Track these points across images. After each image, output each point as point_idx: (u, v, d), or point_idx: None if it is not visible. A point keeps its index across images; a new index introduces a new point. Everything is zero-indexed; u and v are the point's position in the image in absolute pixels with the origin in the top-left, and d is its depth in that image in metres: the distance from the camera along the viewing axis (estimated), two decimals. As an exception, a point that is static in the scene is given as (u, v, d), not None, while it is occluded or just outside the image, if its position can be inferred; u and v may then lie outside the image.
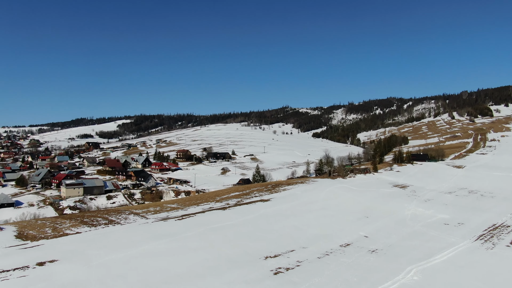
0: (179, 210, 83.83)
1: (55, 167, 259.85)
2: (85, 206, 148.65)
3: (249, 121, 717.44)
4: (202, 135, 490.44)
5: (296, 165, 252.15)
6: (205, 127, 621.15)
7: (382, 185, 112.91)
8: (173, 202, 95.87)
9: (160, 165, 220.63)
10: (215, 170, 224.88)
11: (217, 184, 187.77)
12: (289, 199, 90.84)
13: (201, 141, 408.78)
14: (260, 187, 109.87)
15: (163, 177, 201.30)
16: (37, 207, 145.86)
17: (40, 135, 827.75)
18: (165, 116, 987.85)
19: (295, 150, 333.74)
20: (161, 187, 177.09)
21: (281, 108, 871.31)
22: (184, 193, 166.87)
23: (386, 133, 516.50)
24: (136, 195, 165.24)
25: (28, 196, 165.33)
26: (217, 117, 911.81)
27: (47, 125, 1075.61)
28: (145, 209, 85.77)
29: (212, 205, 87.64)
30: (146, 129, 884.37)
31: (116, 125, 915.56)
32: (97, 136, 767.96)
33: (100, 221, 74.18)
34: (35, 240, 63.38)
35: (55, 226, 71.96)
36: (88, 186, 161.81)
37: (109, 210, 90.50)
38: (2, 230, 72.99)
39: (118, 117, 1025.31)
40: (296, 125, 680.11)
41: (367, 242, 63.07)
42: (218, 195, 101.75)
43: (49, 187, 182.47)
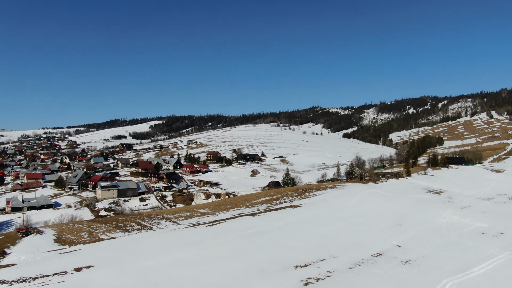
0: (209, 215, 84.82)
1: (91, 169, 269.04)
2: (119, 208, 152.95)
3: (278, 121, 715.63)
4: (232, 136, 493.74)
5: (326, 167, 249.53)
6: (234, 128, 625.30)
7: (415, 191, 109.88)
8: (203, 207, 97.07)
9: (191, 167, 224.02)
10: (244, 172, 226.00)
11: (247, 186, 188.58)
12: (319, 205, 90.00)
13: (231, 142, 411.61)
14: (289, 191, 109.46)
15: (194, 179, 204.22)
16: (75, 208, 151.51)
17: (77, 136, 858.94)
18: (195, 117, 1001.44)
19: (325, 151, 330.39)
20: (192, 189, 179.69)
21: (311, 108, 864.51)
22: (214, 195, 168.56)
23: (419, 133, 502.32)
24: (167, 197, 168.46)
25: (66, 197, 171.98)
26: (246, 118, 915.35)
27: (84, 126, 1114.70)
28: (177, 214, 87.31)
29: (242, 211, 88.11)
30: (177, 129, 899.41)
31: (148, 126, 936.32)
32: (130, 137, 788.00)
33: (134, 226, 76.19)
34: (72, 244, 65.93)
35: (91, 231, 74.51)
36: (122, 188, 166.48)
37: (142, 214, 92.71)
38: (42, 233, 76.37)
39: (150, 118, 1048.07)
40: (326, 125, 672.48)
41: (400, 252, 61.53)
42: (248, 200, 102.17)
43: (86, 189, 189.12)
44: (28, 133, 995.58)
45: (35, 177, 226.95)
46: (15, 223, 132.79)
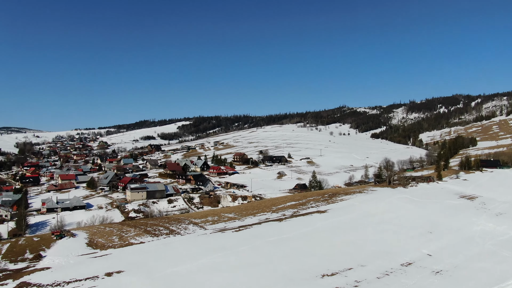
0: (236, 220, 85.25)
1: (121, 170, 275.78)
2: (148, 209, 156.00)
3: (305, 121, 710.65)
4: (258, 137, 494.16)
5: (353, 169, 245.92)
6: (261, 129, 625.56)
7: (447, 196, 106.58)
8: (230, 211, 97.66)
9: (217, 169, 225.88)
10: (271, 174, 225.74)
11: (273, 189, 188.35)
12: (347, 211, 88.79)
13: (257, 143, 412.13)
14: (316, 196, 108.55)
15: (221, 181, 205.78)
16: (105, 209, 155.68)
17: (108, 137, 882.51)
18: (222, 118, 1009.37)
19: (353, 152, 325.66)
20: (219, 191, 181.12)
21: (338, 107, 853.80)
22: (241, 198, 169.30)
23: (451, 133, 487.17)
24: (195, 199, 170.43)
25: (97, 198, 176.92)
26: (273, 118, 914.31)
27: (114, 127, 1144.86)
28: (204, 219, 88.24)
29: (269, 216, 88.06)
30: (204, 130, 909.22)
31: (176, 126, 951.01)
32: (158, 138, 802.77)
33: (162, 231, 77.56)
34: (103, 248, 67.78)
35: (121, 235, 76.39)
36: (151, 190, 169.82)
37: (170, 218, 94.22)
38: (75, 236, 78.89)
39: (178, 119, 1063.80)
40: (354, 125, 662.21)
41: (431, 261, 59.92)
42: (275, 204, 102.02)
43: (116, 190, 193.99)
44: (62, 134, 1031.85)
45: (69, 178, 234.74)
46: (50, 224, 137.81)
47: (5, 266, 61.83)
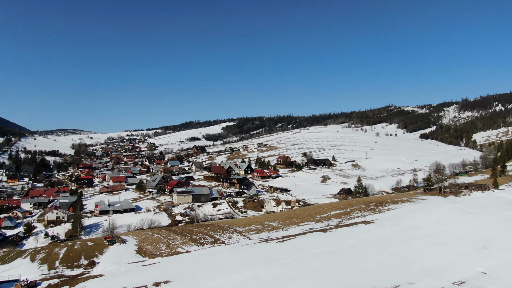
0: (279, 230, 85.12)
1: (167, 172, 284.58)
2: (193, 213, 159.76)
3: (350, 122, 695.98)
4: (302, 138, 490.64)
5: (401, 172, 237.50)
6: (304, 130, 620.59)
7: (504, 207, 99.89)
8: (274, 219, 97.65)
9: (261, 172, 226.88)
10: (315, 178, 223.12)
11: (317, 193, 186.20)
12: (394, 222, 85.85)
13: (301, 145, 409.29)
14: (362, 204, 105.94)
15: (264, 184, 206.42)
16: (153, 212, 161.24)
17: (155, 138, 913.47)
18: (265, 118, 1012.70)
19: (400, 154, 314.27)
20: (262, 195, 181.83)
21: (384, 107, 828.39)
22: (285, 202, 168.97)
23: (508, 133, 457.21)
24: (239, 203, 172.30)
25: (146, 201, 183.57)
26: (316, 118, 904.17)
27: (161, 128, 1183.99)
28: (248, 227, 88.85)
29: (313, 226, 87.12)
30: (248, 131, 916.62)
31: (220, 127, 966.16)
32: (203, 139, 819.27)
33: (207, 240, 79.02)
34: (151, 257, 70.16)
35: (168, 243, 78.69)
36: (196, 194, 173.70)
37: (215, 225, 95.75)
38: (126, 243, 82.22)
39: (222, 120, 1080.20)
40: (401, 125, 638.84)
41: (486, 280, 56.44)
42: (319, 213, 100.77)
43: (163, 193, 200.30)
44: (113, 135, 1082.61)
45: (119, 180, 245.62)
46: (103, 226, 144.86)
47: (63, 271, 65.72)
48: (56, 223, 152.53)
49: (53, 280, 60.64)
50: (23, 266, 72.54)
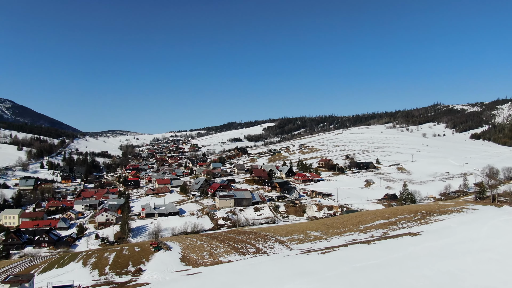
0: (322, 240, 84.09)
1: (210, 174, 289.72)
2: (235, 217, 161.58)
3: (394, 122, 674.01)
4: (344, 139, 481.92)
5: (450, 177, 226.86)
6: (347, 131, 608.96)
7: None
8: (316, 228, 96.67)
9: (303, 176, 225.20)
10: (358, 181, 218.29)
11: (360, 198, 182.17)
12: (442, 234, 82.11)
13: (343, 147, 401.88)
14: (408, 214, 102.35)
15: (306, 188, 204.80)
16: (196, 216, 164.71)
17: (198, 139, 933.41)
18: (307, 118, 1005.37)
19: (449, 157, 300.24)
20: (304, 200, 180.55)
21: (432, 105, 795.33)
22: (327, 207, 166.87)
23: None
24: (280, 207, 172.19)
25: (189, 204, 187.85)
26: (359, 118, 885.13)
27: (204, 129, 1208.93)
28: (289, 237, 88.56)
29: (356, 237, 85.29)
30: (289, 131, 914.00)
31: (261, 128, 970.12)
32: (245, 140, 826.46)
33: (249, 249, 79.59)
34: (195, 266, 71.68)
35: (211, 251, 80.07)
36: (238, 198, 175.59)
37: (257, 233, 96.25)
38: (170, 250, 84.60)
39: (263, 120, 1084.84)
40: (450, 124, 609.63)
41: (545, 304, 52.77)
42: (362, 223, 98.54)
43: (206, 196, 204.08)
44: (158, 136, 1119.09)
45: (164, 182, 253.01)
46: (148, 229, 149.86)
47: (112, 278, 68.71)
48: (106, 225, 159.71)
49: (104, 286, 63.58)
50: (76, 270, 76.54)
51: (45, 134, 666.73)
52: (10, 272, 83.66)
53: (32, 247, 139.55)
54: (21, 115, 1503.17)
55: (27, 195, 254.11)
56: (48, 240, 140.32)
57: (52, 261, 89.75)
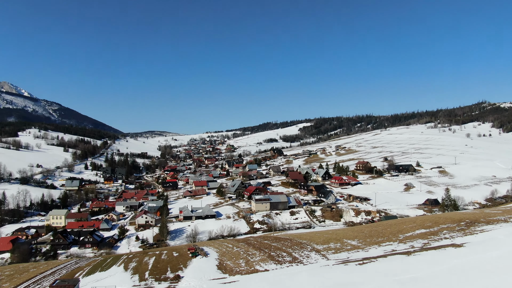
0: (359, 250, 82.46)
1: (246, 176, 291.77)
2: (271, 221, 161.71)
3: (436, 121, 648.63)
4: (383, 140, 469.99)
5: (497, 181, 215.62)
6: (385, 131, 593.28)
7: None
8: (353, 236, 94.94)
9: (339, 179, 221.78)
10: (397, 185, 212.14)
11: (400, 203, 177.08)
12: (489, 247, 78.11)
13: (382, 148, 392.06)
14: (451, 223, 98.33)
15: (343, 192, 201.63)
16: (233, 219, 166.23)
17: (234, 140, 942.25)
18: (343, 118, 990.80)
19: (496, 159, 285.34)
20: (341, 204, 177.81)
21: (476, 104, 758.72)
22: (364, 212, 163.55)
23: None
24: (316, 212, 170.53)
25: (226, 207, 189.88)
26: (398, 117, 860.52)
27: (240, 129, 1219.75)
28: (326, 245, 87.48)
29: (395, 247, 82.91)
30: (325, 131, 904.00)
31: (297, 128, 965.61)
32: (280, 140, 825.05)
33: (285, 257, 79.36)
34: (231, 274, 72.34)
35: (247, 259, 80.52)
36: (274, 201, 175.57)
37: (292, 240, 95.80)
38: (207, 256, 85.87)
39: (299, 120, 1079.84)
40: (497, 124, 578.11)
41: None
42: (401, 232, 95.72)
43: (242, 199, 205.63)
44: (195, 137, 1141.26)
45: (201, 184, 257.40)
46: (186, 231, 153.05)
47: (151, 284, 70.65)
48: (145, 227, 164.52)
49: (143, 292, 65.43)
50: (118, 275, 79.28)
51: (88, 135, 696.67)
52: (58, 273, 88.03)
53: (77, 247, 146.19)
54: (67, 117, 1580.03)
55: (73, 195, 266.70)
56: (92, 241, 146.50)
57: (96, 264, 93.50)
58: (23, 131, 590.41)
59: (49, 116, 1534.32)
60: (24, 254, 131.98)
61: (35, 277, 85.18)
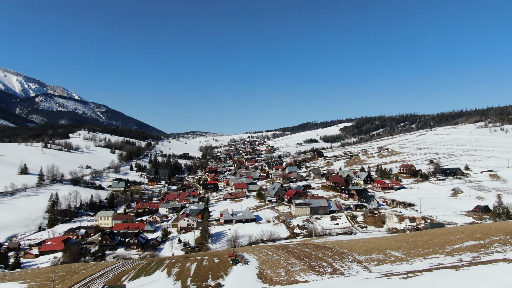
0: (403, 262, 79.77)
1: (286, 178, 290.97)
2: (311, 226, 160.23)
3: (486, 120, 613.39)
4: (428, 141, 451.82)
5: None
6: (431, 131, 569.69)
7: None
8: (397, 247, 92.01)
9: (382, 183, 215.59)
10: (443, 190, 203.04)
11: (447, 209, 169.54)
12: (546, 263, 73.09)
13: (427, 150, 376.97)
14: (503, 235, 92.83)
15: (386, 197, 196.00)
16: (272, 224, 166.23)
17: (274, 140, 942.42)
18: (386, 118, 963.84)
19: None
20: (384, 210, 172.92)
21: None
22: (409, 219, 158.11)
23: None
24: (358, 217, 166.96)
25: (265, 211, 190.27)
26: (445, 117, 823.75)
27: (279, 129, 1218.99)
28: (368, 256, 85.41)
29: (441, 260, 79.47)
30: (367, 131, 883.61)
31: (338, 128, 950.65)
32: (320, 140, 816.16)
33: (326, 268, 78.28)
34: (271, 284, 72.33)
35: (287, 268, 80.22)
36: (314, 206, 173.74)
37: (333, 249, 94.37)
38: (248, 264, 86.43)
39: (340, 120, 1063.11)
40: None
41: None
42: (449, 243, 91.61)
43: (282, 202, 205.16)
44: (235, 137, 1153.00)
45: (241, 187, 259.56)
46: (227, 235, 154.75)
47: (193, 291, 72.13)
48: (187, 229, 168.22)
49: (186, 300, 66.88)
50: (161, 280, 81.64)
51: (133, 136, 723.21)
52: (105, 276, 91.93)
53: (124, 248, 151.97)
54: (113, 119, 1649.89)
55: (119, 196, 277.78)
56: (137, 243, 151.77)
57: (140, 268, 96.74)
58: (73, 133, 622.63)
59: (97, 118, 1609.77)
60: (75, 254, 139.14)
61: (84, 279, 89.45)
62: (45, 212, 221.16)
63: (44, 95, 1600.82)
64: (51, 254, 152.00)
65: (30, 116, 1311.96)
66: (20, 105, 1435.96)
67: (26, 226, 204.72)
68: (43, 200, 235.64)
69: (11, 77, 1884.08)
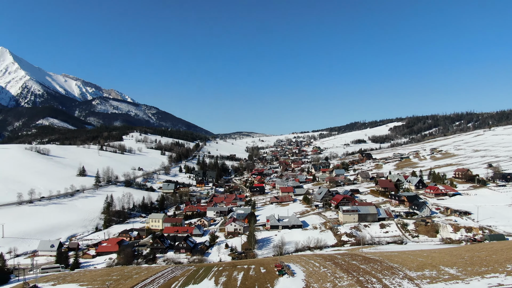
0: (458, 281, 75.57)
1: (333, 182, 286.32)
2: (359, 233, 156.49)
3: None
4: (486, 142, 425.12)
5: None
6: (489, 131, 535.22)
7: None
8: (452, 264, 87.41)
9: (435, 189, 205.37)
10: (504, 198, 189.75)
11: (508, 219, 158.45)
12: None
13: (485, 152, 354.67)
14: None
15: (439, 204, 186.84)
16: (319, 230, 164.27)
17: (320, 141, 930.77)
18: (439, 116, 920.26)
19: None
20: (437, 218, 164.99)
21: None
22: (464, 229, 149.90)
23: None
24: (409, 225, 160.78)
25: (312, 216, 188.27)
26: (506, 114, 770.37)
27: (326, 130, 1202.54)
28: (420, 272, 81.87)
29: (502, 280, 74.33)
30: (418, 131, 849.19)
31: (387, 128, 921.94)
32: (369, 141, 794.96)
33: (375, 284, 75.92)
34: (318, 300, 71.40)
35: (334, 282, 78.81)
36: (363, 213, 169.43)
37: (382, 263, 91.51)
38: (294, 276, 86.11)
39: (389, 119, 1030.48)
40: None
41: None
42: (510, 260, 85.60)
43: (329, 208, 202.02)
44: (281, 138, 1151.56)
45: (287, 190, 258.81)
46: (273, 241, 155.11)
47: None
48: (234, 234, 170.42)
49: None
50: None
51: (182, 137, 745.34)
52: (156, 282, 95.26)
53: (173, 252, 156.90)
54: (163, 120, 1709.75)
55: (169, 198, 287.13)
56: (185, 247, 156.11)
57: (189, 275, 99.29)
58: (126, 135, 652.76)
59: (148, 119, 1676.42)
60: (128, 256, 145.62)
61: (137, 284, 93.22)
62: (101, 213, 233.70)
63: (100, 98, 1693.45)
64: (107, 255, 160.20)
65: (87, 119, 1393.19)
66: (79, 108, 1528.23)
67: (84, 226, 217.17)
68: (99, 202, 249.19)
69: (71, 81, 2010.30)
